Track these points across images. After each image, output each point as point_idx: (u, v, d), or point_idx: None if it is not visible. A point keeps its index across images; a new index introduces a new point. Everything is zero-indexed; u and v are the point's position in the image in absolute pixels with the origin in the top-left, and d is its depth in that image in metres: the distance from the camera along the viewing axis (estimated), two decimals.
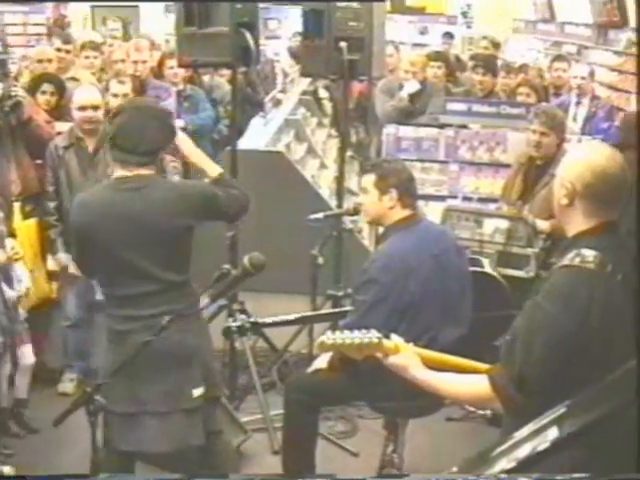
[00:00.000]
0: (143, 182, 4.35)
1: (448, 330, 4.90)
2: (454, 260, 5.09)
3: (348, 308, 5.51)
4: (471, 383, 3.30)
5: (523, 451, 1.97)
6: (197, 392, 4.46)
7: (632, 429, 2.90)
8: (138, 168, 4.35)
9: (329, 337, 3.22)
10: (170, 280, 4.36)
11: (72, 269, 6.36)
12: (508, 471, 1.95)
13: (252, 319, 6.18)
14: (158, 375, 4.36)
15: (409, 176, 5.11)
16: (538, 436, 1.99)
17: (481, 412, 5.94)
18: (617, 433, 2.91)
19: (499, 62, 10.57)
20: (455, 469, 2.06)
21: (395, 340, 3.42)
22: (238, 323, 6.12)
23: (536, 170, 6.66)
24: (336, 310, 6.29)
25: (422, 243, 4.95)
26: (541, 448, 1.96)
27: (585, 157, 3.23)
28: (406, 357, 3.38)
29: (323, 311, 6.33)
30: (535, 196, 6.55)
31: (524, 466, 1.97)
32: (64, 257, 6.44)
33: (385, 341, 3.33)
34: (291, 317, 5.95)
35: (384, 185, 4.98)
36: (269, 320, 6.21)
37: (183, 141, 4.76)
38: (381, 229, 5.43)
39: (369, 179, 5.03)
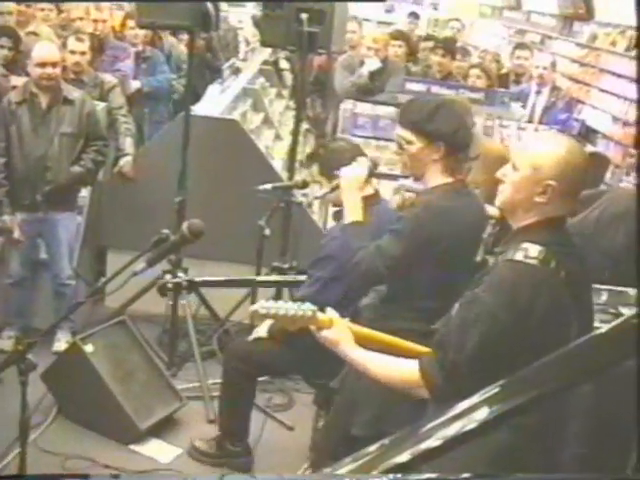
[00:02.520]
0: (467, 187, 4.24)
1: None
2: None
3: (288, 278, 5.52)
4: (401, 367, 3.24)
5: (451, 430, 1.96)
6: None
7: (562, 416, 2.93)
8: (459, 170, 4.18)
9: (263, 306, 3.17)
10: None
11: (17, 234, 6.30)
12: (434, 449, 1.94)
13: (189, 277, 6.12)
14: None
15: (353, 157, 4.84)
16: (468, 415, 1.98)
17: None
18: (546, 419, 2.93)
19: (459, 45, 10.59)
20: (384, 441, 2.04)
21: (330, 314, 3.37)
22: (175, 280, 6.07)
23: None
24: (272, 278, 6.27)
25: (380, 224, 4.88)
26: (468, 428, 1.95)
27: (565, 154, 3.10)
28: (339, 332, 3.32)
29: (261, 277, 6.30)
30: None
31: (450, 445, 1.96)
32: (8, 219, 6.34)
33: (319, 314, 3.29)
34: (229, 278, 5.92)
35: (327, 166, 4.99)
36: (206, 279, 6.19)
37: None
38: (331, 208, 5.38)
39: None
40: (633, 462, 2.71)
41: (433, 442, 1.90)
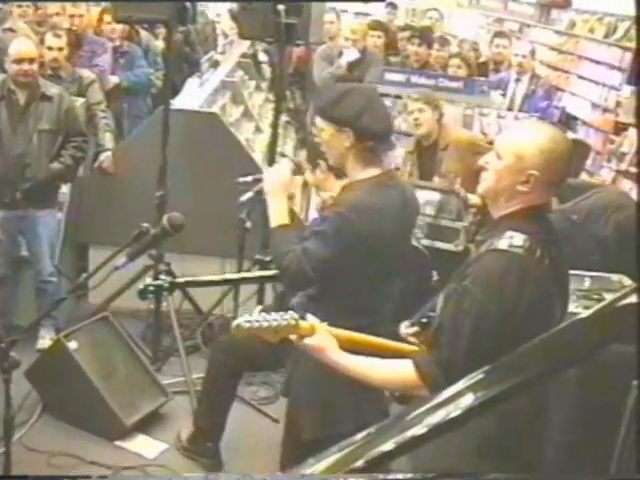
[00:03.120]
0: (397, 179, 4.16)
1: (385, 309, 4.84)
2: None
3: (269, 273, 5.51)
4: (394, 368, 3.20)
5: (436, 417, 1.96)
6: None
7: (549, 403, 2.93)
8: (384, 159, 4.07)
9: (246, 320, 3.12)
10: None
11: None
12: (419, 437, 1.94)
13: (170, 279, 6.09)
14: None
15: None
16: (452, 402, 1.98)
17: None
18: (532, 407, 2.94)
19: (437, 34, 10.59)
20: (371, 430, 2.03)
21: (311, 321, 3.29)
22: (156, 282, 6.06)
23: (426, 153, 6.78)
24: (253, 274, 6.25)
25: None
26: (453, 415, 1.94)
27: (547, 142, 3.09)
28: (321, 339, 3.24)
29: (244, 274, 6.28)
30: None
31: (435, 433, 1.96)
32: None
33: (301, 322, 3.22)
34: (210, 278, 5.90)
35: (313, 155, 4.94)
36: (188, 280, 6.17)
37: None
38: (314, 198, 5.36)
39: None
40: (619, 452, 2.71)
41: (419, 430, 1.90)
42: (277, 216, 4.10)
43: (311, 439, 4.05)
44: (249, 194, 4.38)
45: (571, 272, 3.37)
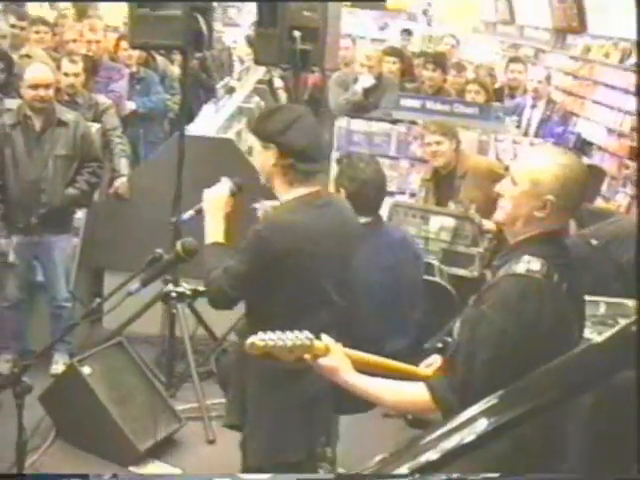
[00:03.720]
0: (328, 197, 4.10)
1: (395, 340, 4.78)
2: (409, 270, 5.00)
3: None
4: (408, 391, 3.18)
5: (450, 442, 1.95)
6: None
7: (560, 427, 2.90)
8: (316, 180, 4.01)
9: (261, 338, 3.10)
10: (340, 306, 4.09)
11: (12, 258, 6.28)
12: (433, 463, 1.92)
13: (192, 286, 6.10)
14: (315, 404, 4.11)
15: (366, 178, 4.80)
16: (466, 428, 1.96)
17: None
18: (543, 430, 2.91)
19: (454, 60, 10.61)
20: (383, 456, 2.02)
21: (325, 341, 3.24)
22: (178, 289, 6.04)
23: (444, 181, 6.78)
24: None
25: (376, 254, 4.79)
26: (467, 440, 1.93)
27: (564, 168, 3.08)
28: (336, 359, 3.20)
29: None
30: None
31: (449, 458, 1.94)
32: (3, 243, 6.33)
33: (316, 342, 3.18)
34: None
35: (336, 182, 4.85)
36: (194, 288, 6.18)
37: None
38: None
39: (334, 173, 4.88)
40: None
41: (432, 455, 1.88)
42: (211, 234, 4.09)
43: (258, 467, 4.03)
44: (190, 212, 4.40)
45: (586, 298, 3.35)
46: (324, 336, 3.28)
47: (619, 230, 5.69)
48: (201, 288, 6.10)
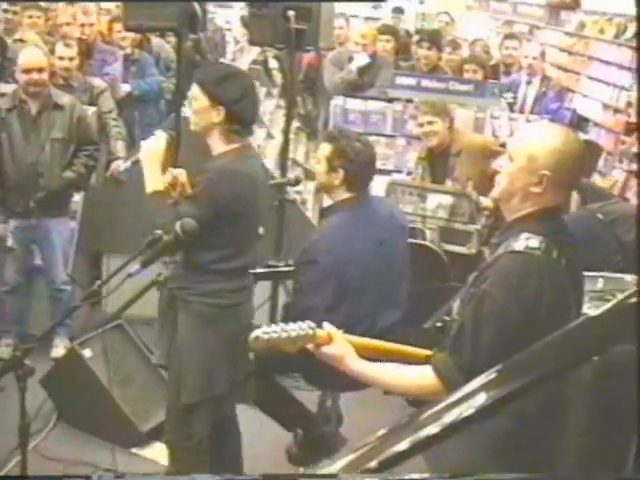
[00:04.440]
0: (255, 150, 4.59)
1: (389, 312, 4.86)
2: (399, 242, 5.03)
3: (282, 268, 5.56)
4: (413, 375, 3.20)
5: (450, 416, 1.96)
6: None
7: (563, 402, 2.92)
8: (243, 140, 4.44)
9: (264, 332, 3.11)
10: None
11: (10, 242, 6.29)
12: (433, 437, 1.94)
13: None
14: (242, 347, 4.28)
15: (365, 160, 4.85)
16: (466, 401, 1.98)
17: None
18: (546, 406, 2.93)
19: (448, 38, 10.59)
20: (384, 431, 2.04)
21: (328, 329, 3.28)
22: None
23: (439, 159, 6.79)
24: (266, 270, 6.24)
25: (368, 226, 4.81)
26: (466, 414, 1.95)
27: (561, 143, 3.11)
28: (339, 347, 3.23)
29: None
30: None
31: (449, 432, 1.96)
32: (1, 227, 6.34)
33: (319, 331, 3.21)
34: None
35: (334, 162, 4.81)
36: None
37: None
38: (326, 203, 5.37)
39: (324, 149, 4.84)
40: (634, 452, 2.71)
41: (432, 429, 1.90)
42: (150, 182, 4.48)
43: (190, 402, 4.46)
44: (126, 164, 4.63)
45: (585, 273, 3.37)
46: (326, 324, 3.31)
47: (622, 211, 5.75)
48: None
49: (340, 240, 4.76)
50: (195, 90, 4.35)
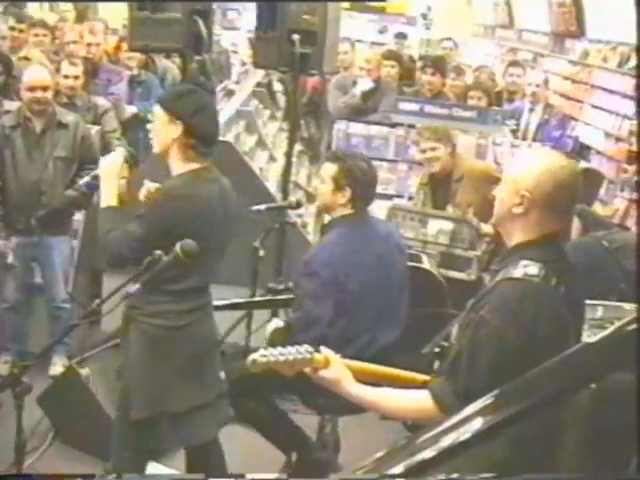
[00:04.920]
0: (215, 172, 4.46)
1: (386, 331, 4.89)
2: (397, 260, 5.06)
3: (282, 297, 5.55)
4: (411, 399, 3.20)
5: (446, 441, 1.97)
6: (222, 375, 4.68)
7: (560, 427, 2.92)
8: (207, 159, 4.43)
9: (262, 355, 3.11)
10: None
11: (10, 259, 6.29)
12: (428, 461, 1.94)
13: None
14: (203, 367, 4.51)
15: (370, 179, 4.97)
16: (462, 426, 1.98)
17: None
18: (543, 431, 2.93)
19: (453, 64, 10.62)
20: (380, 454, 2.04)
21: (325, 353, 3.28)
22: None
23: (440, 185, 6.81)
24: (268, 298, 6.24)
25: (366, 241, 4.89)
26: (463, 438, 1.95)
27: (544, 166, 3.14)
28: (337, 371, 3.24)
29: (256, 299, 6.28)
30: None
31: (445, 456, 1.96)
32: (2, 244, 6.34)
33: (316, 355, 3.22)
34: (227, 302, 5.91)
35: (341, 181, 4.87)
36: None
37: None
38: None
39: (329, 169, 4.91)
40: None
41: (428, 453, 1.90)
42: (107, 198, 4.50)
43: (139, 418, 4.41)
44: (86, 179, 4.66)
45: (586, 302, 3.38)
46: (323, 348, 3.32)
47: (626, 240, 5.76)
48: None
49: (339, 253, 4.81)
50: (155, 109, 4.41)
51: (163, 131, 4.36)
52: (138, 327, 4.44)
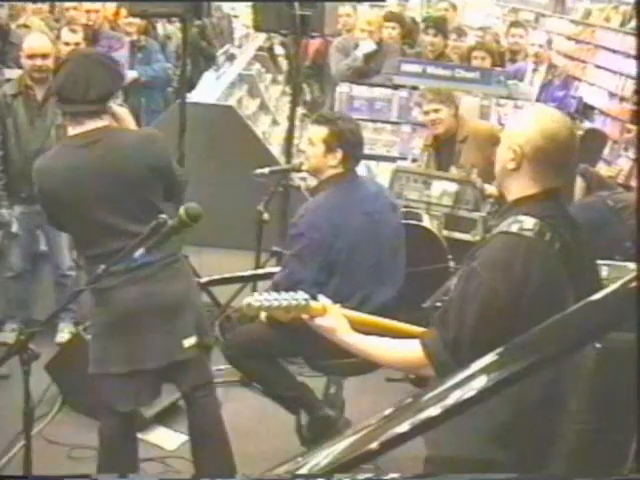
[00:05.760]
0: (99, 134, 4.28)
1: (382, 288, 4.90)
2: (389, 218, 5.04)
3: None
4: (402, 348, 3.22)
5: (451, 398, 1.97)
6: (188, 342, 4.48)
7: (563, 391, 2.92)
8: (91, 121, 4.26)
9: (256, 299, 3.11)
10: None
11: (15, 228, 6.28)
12: (433, 418, 1.95)
13: None
14: (151, 330, 4.40)
15: (359, 139, 5.00)
16: (467, 384, 1.99)
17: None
18: (547, 394, 2.93)
19: (454, 25, 10.56)
20: (387, 412, 2.05)
21: (323, 302, 3.33)
22: None
23: (444, 146, 6.80)
24: (272, 270, 6.26)
25: (352, 200, 4.89)
26: (467, 396, 1.95)
27: (534, 120, 3.15)
28: (333, 319, 3.29)
29: (262, 270, 6.29)
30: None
31: (449, 414, 1.97)
32: (6, 213, 6.34)
33: (312, 302, 3.25)
34: (231, 275, 5.93)
35: (332, 143, 4.87)
36: (211, 279, 6.19)
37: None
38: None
39: (319, 132, 4.90)
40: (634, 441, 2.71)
41: (433, 411, 1.91)
42: None
43: (120, 373, 4.41)
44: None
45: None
46: (321, 296, 3.37)
47: (631, 200, 5.77)
48: (202, 280, 6.17)
49: (327, 215, 4.82)
50: None
51: None
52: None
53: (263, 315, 4.86)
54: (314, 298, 3.30)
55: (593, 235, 4.03)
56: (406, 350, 3.20)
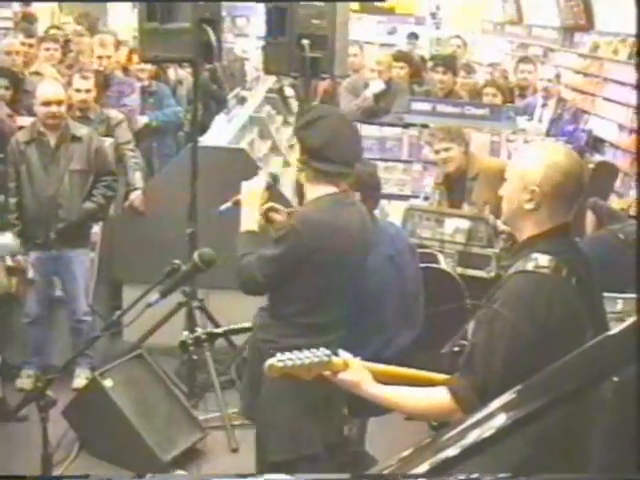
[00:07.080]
0: (351, 197, 4.32)
1: (404, 332, 4.88)
2: (409, 261, 5.05)
3: None
4: (429, 396, 3.21)
5: (470, 438, 1.97)
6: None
7: (580, 423, 2.91)
8: (341, 183, 4.21)
9: (279, 359, 3.10)
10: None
11: (31, 274, 6.30)
12: (453, 458, 1.95)
13: (207, 330, 6.10)
14: (331, 404, 4.26)
15: (377, 182, 5.06)
16: (485, 423, 1.99)
17: None
18: (563, 427, 2.93)
19: (462, 62, 10.61)
20: (406, 453, 2.05)
21: (344, 356, 3.28)
22: (194, 335, 6.09)
23: (456, 184, 6.81)
24: None
25: (378, 244, 4.89)
26: (486, 435, 1.95)
27: (547, 157, 3.15)
28: (356, 373, 3.24)
29: None
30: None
31: (468, 453, 1.96)
32: (22, 259, 6.36)
33: (334, 358, 3.21)
34: (245, 325, 5.91)
35: (350, 186, 4.88)
36: (224, 329, 6.18)
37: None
38: None
39: None
40: None
41: (452, 451, 1.91)
42: (246, 222, 4.32)
43: (278, 461, 4.20)
44: (227, 204, 4.52)
45: (604, 294, 3.37)
46: (341, 351, 3.32)
47: None
48: (217, 330, 6.15)
49: None
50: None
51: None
52: None
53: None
54: (335, 354, 3.25)
55: (604, 269, 4.01)
56: (434, 399, 3.18)
